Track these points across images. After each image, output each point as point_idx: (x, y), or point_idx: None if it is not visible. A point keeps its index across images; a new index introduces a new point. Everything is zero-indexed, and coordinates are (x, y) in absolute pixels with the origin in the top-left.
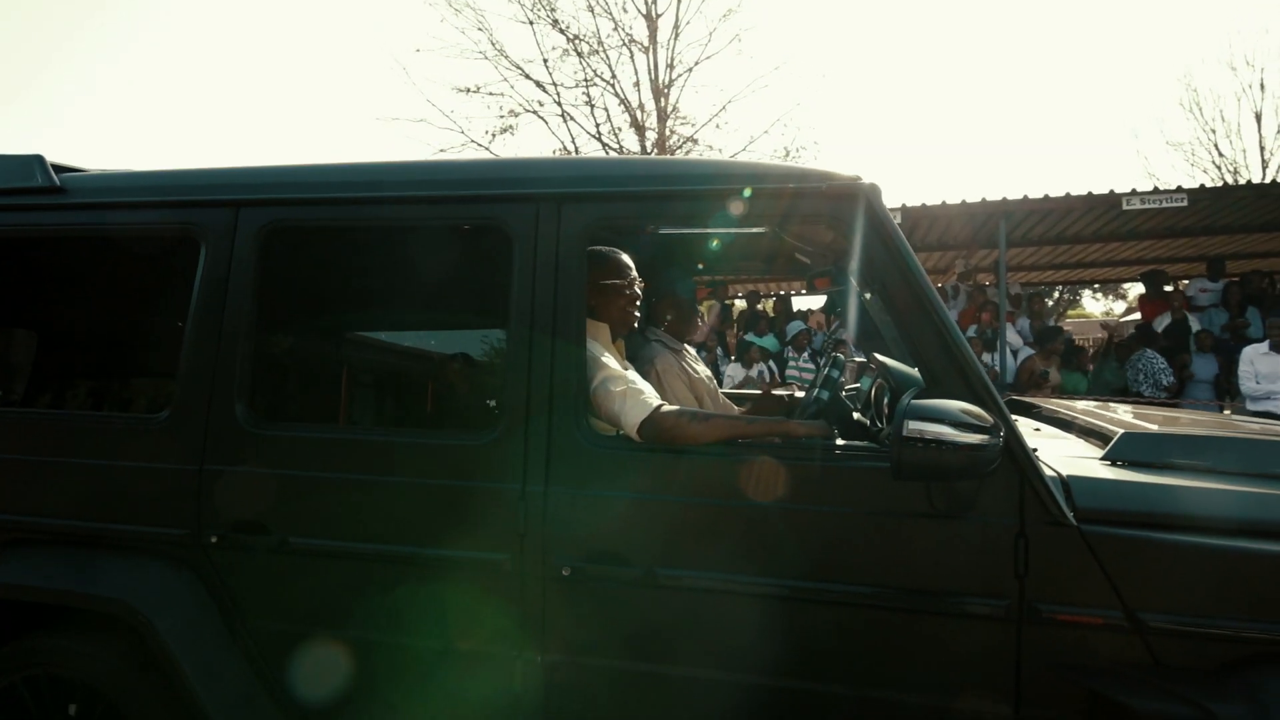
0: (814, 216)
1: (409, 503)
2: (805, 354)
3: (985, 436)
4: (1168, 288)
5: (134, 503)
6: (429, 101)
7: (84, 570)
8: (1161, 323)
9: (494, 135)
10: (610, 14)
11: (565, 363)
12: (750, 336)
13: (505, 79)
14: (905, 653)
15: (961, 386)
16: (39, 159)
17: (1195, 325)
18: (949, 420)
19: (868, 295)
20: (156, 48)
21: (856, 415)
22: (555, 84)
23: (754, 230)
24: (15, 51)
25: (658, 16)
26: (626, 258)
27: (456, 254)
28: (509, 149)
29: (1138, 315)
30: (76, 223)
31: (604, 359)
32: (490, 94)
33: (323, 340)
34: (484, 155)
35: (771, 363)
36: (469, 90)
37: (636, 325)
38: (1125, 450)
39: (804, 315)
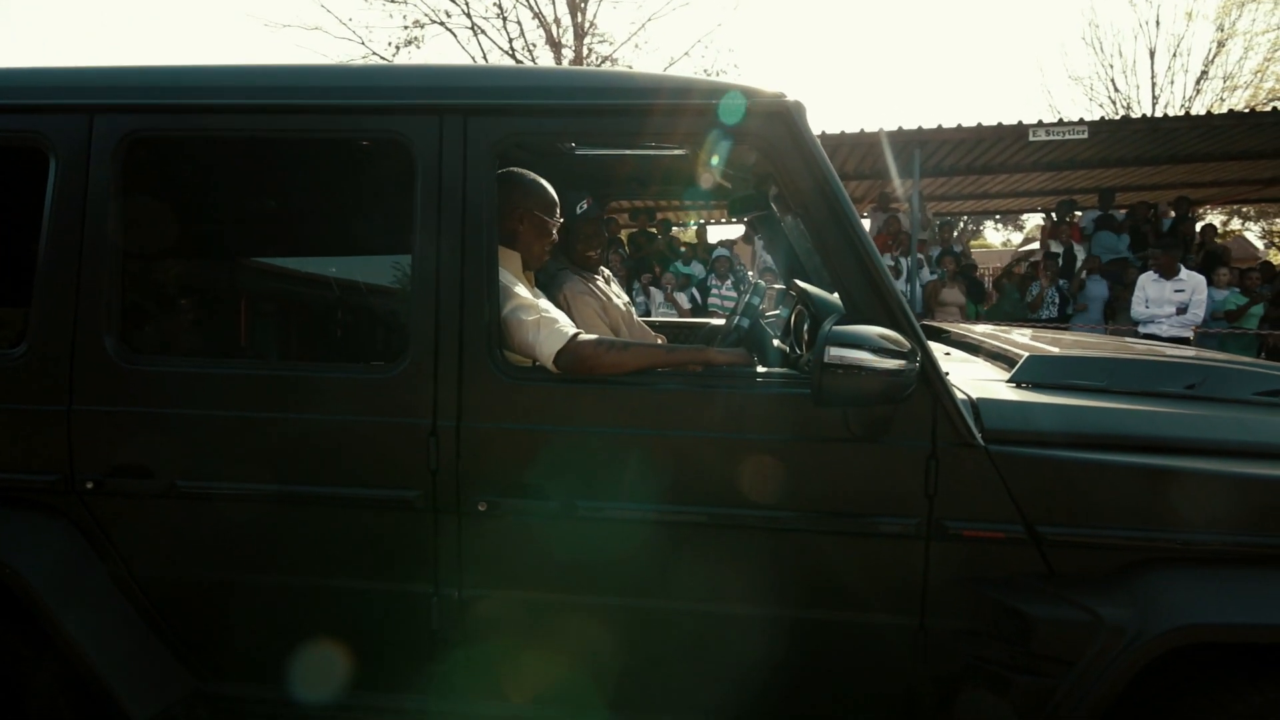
0: (736, 134)
1: (309, 439)
2: (729, 281)
3: (903, 362)
4: (1073, 217)
5: None
6: (323, 7)
7: None
8: (1059, 250)
9: (398, 48)
10: None
11: (475, 290)
12: (678, 265)
13: None
14: (821, 573)
15: (881, 312)
16: None
17: (1081, 254)
18: (869, 346)
19: (788, 219)
20: None
21: (776, 342)
22: None
23: (674, 151)
24: None
25: None
26: (553, 191)
27: (353, 170)
28: (414, 61)
29: (1036, 245)
30: None
31: (516, 288)
32: (392, 1)
33: (203, 265)
34: None
35: (695, 290)
36: None
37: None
38: (1030, 372)
39: (729, 245)
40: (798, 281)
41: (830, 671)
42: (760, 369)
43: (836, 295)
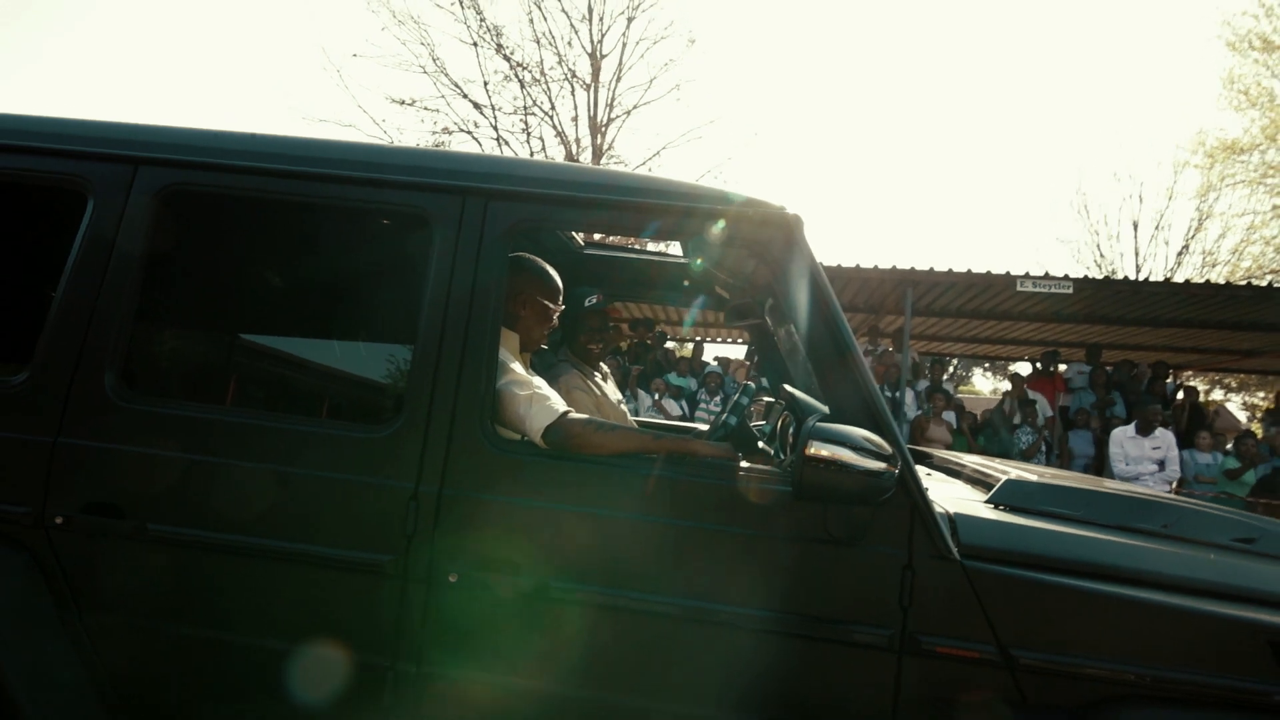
0: (739, 241)
1: (288, 494)
2: (718, 397)
3: (883, 464)
4: (1057, 368)
5: None
6: (360, 107)
7: None
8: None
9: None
10: (555, 48)
11: (475, 361)
12: (671, 376)
13: (443, 95)
14: (790, 679)
15: (865, 417)
16: None
17: (1044, 408)
18: (850, 444)
19: (781, 331)
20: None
21: (761, 444)
22: (494, 107)
23: (678, 257)
24: None
25: (602, 57)
26: (558, 279)
27: (371, 240)
28: None
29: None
30: None
31: (512, 364)
32: (425, 109)
33: (214, 315)
34: None
35: (684, 401)
36: (404, 102)
37: (545, 345)
38: (1008, 495)
39: (724, 363)
40: (786, 386)
41: None
42: (744, 464)
43: (822, 401)
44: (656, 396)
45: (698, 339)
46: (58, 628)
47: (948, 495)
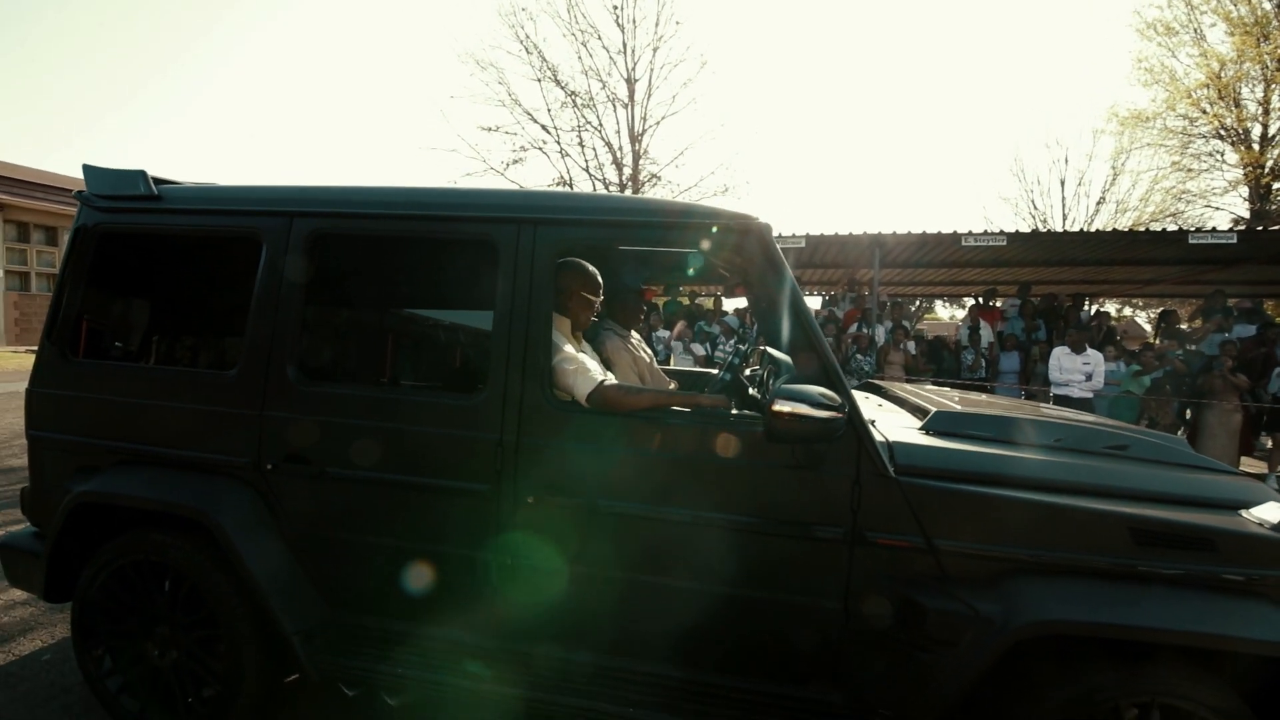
0: (724, 244)
1: (415, 444)
2: (733, 340)
3: (834, 413)
4: (995, 302)
5: (211, 437)
6: (459, 136)
7: (173, 486)
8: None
9: (508, 165)
10: (600, 77)
11: (535, 346)
12: (702, 324)
13: (518, 122)
14: (773, 564)
15: (820, 374)
16: (141, 173)
17: (987, 334)
18: (808, 401)
19: (762, 303)
20: (246, 96)
21: (751, 391)
22: (556, 128)
23: (685, 250)
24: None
25: (635, 81)
26: (598, 276)
27: (456, 261)
28: (520, 175)
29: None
30: (169, 224)
31: (564, 345)
32: (506, 133)
33: (355, 321)
34: (499, 181)
35: (708, 344)
36: (490, 129)
37: (594, 321)
38: (936, 423)
39: (742, 313)
40: (765, 348)
41: (778, 636)
42: (734, 411)
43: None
44: (686, 342)
45: (719, 293)
46: (277, 537)
47: (891, 424)
